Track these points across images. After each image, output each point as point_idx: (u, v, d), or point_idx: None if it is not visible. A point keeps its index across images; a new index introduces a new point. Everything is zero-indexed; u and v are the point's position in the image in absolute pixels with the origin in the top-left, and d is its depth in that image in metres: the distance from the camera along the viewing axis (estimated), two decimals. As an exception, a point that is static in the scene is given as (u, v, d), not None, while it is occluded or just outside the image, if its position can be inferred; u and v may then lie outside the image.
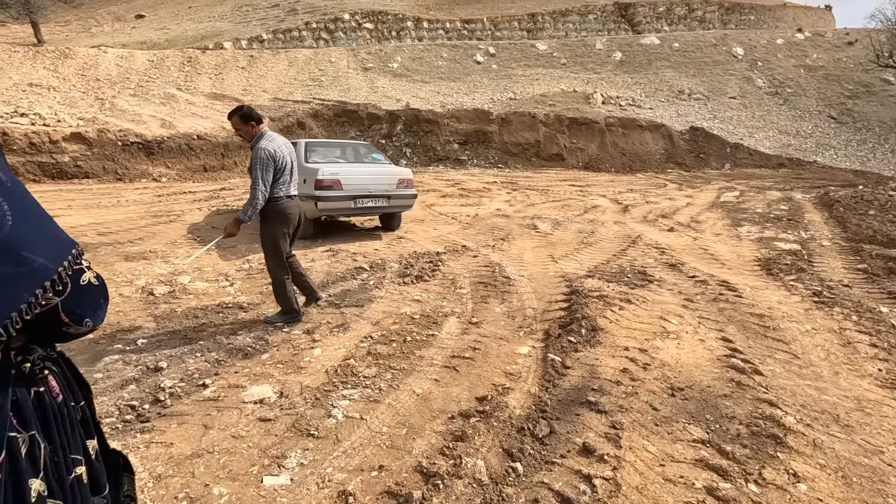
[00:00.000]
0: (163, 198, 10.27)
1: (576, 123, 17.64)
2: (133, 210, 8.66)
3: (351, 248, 6.06)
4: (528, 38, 25.82)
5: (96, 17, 36.32)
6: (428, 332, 3.51)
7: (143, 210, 8.60)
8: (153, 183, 12.64)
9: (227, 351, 3.29)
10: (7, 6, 26.91)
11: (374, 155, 7.28)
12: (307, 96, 18.08)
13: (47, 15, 28.62)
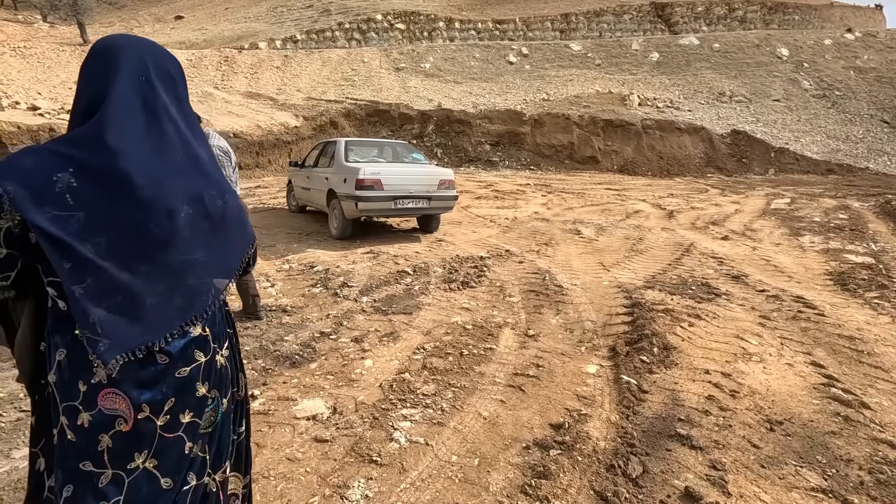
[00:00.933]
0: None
1: (611, 125, 17.14)
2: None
3: (391, 251, 5.86)
4: (560, 38, 25.34)
5: (137, 19, 37.44)
6: (485, 346, 3.26)
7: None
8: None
9: (274, 359, 3.11)
10: (56, 8, 27.91)
11: (414, 155, 7.08)
12: (340, 96, 18.08)
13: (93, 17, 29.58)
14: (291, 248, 6.02)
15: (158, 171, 1.00)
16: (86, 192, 0.93)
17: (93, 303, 0.94)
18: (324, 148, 7.32)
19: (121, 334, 0.96)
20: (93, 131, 0.95)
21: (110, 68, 0.99)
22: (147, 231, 0.98)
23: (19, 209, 0.90)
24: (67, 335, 0.98)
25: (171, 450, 1.05)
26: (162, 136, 1.02)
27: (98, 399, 0.98)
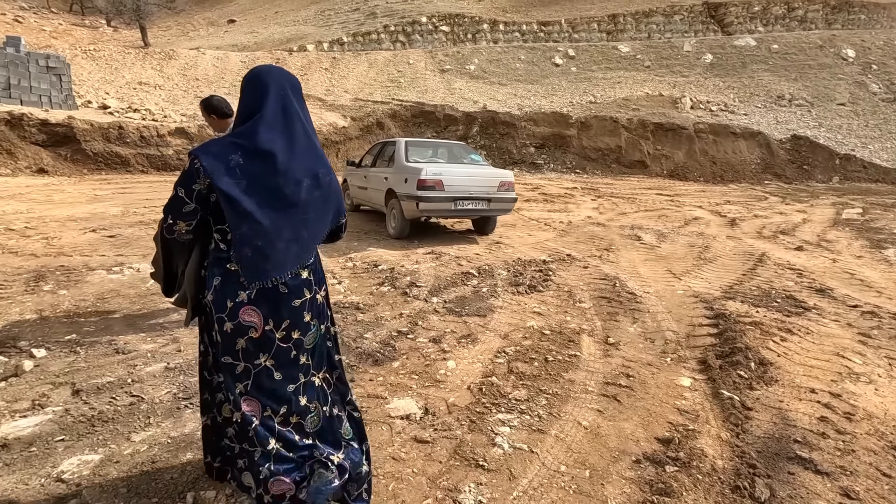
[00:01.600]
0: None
1: (661, 129, 16.62)
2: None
3: (451, 252, 5.84)
4: (607, 40, 24.80)
5: (193, 23, 39.12)
6: (568, 352, 3.18)
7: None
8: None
9: (357, 355, 3.13)
10: (121, 13, 29.48)
11: (472, 156, 7.05)
12: (386, 97, 18.30)
13: (153, 21, 31.08)
14: (352, 246, 6.09)
15: (291, 154, 1.46)
16: (248, 166, 1.41)
17: (245, 244, 1.40)
18: (382, 148, 7.39)
19: (258, 269, 1.43)
20: (253, 128, 1.43)
21: (262, 87, 1.46)
22: (282, 194, 1.44)
23: (210, 176, 1.39)
24: (222, 267, 1.47)
25: (283, 355, 1.52)
26: (293, 131, 1.47)
27: (239, 313, 1.45)
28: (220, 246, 1.49)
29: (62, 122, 11.51)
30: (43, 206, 7.85)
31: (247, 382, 1.48)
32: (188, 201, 1.44)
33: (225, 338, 1.46)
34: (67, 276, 4.48)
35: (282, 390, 1.52)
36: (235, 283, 1.44)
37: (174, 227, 1.47)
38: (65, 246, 5.54)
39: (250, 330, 1.45)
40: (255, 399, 1.49)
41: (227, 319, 1.45)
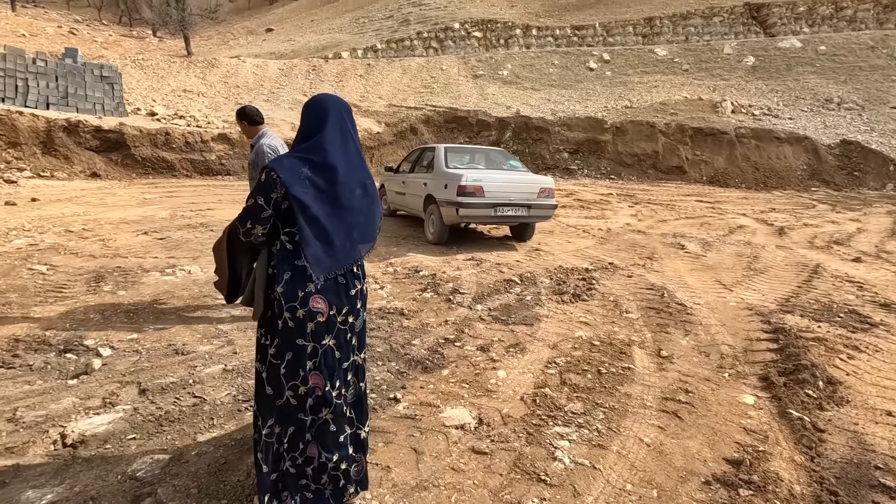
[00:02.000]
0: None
1: (700, 134, 16.16)
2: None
3: (491, 258, 5.81)
4: (643, 43, 24.34)
5: (233, 32, 40.51)
6: (621, 364, 3.09)
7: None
8: (282, 181, 13.53)
9: (406, 362, 3.13)
10: (166, 24, 30.81)
11: (511, 162, 7.01)
12: (419, 103, 18.46)
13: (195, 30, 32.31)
14: (392, 251, 6.14)
15: (347, 167, 1.74)
16: (314, 178, 1.68)
17: (313, 243, 1.66)
18: (421, 154, 7.44)
19: (324, 263, 1.69)
20: (317, 145, 1.70)
21: (322, 112, 1.74)
22: (340, 201, 1.71)
23: (286, 186, 1.63)
24: (290, 264, 1.70)
25: (342, 336, 1.79)
26: (348, 148, 1.75)
27: (310, 301, 1.70)
28: (288, 246, 1.73)
29: (114, 129, 12.08)
30: (97, 208, 8.24)
31: (315, 360, 1.74)
32: (266, 208, 1.67)
33: (297, 323, 1.70)
34: (125, 277, 4.68)
35: (339, 368, 1.80)
36: (303, 276, 1.69)
37: (252, 230, 1.71)
38: (120, 248, 5.79)
39: (318, 315, 1.71)
40: (320, 374, 1.75)
41: (298, 307, 1.69)
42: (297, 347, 1.70)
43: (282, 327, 1.70)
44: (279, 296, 1.69)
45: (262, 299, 1.75)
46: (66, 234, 6.29)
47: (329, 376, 1.76)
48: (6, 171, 10.54)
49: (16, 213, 7.43)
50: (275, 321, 1.72)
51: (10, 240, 5.88)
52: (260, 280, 1.76)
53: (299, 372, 1.72)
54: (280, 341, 1.71)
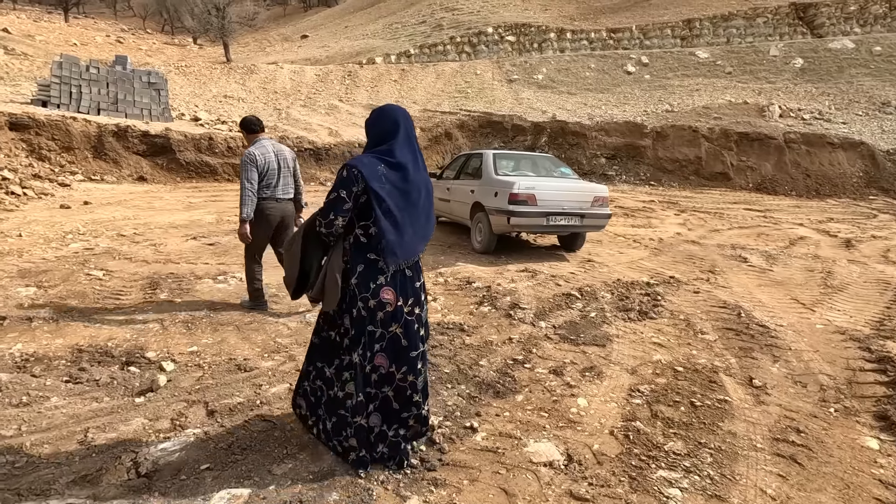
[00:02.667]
0: (333, 201, 10.85)
1: (746, 139, 15.46)
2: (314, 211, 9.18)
3: (544, 270, 5.55)
4: (682, 46, 23.60)
5: (268, 38, 41.43)
6: (714, 396, 2.81)
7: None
8: (320, 187, 13.57)
9: (476, 385, 2.92)
10: (207, 31, 31.70)
11: (562, 169, 6.74)
12: (454, 107, 18.31)
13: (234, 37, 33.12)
14: (439, 260, 5.95)
15: (414, 167, 1.92)
16: (389, 175, 1.86)
17: (386, 234, 1.82)
18: (466, 160, 7.25)
19: (395, 255, 1.85)
20: (390, 148, 1.89)
21: (392, 119, 1.92)
22: (410, 198, 1.89)
23: (366, 181, 1.81)
24: (364, 257, 1.88)
25: (409, 325, 1.96)
26: (414, 150, 1.95)
27: (380, 292, 1.87)
28: (361, 240, 1.90)
29: (160, 134, 12.35)
30: (146, 212, 8.37)
31: (382, 343, 1.94)
32: (347, 201, 1.85)
33: (369, 312, 1.88)
34: (178, 284, 4.63)
35: (406, 356, 1.98)
36: (375, 269, 1.87)
37: (334, 221, 1.87)
38: (171, 253, 5.79)
39: (387, 305, 1.89)
40: (385, 356, 1.94)
41: (370, 297, 1.88)
42: (367, 334, 1.92)
43: (355, 315, 1.91)
44: (353, 287, 1.88)
45: (339, 291, 1.90)
46: (119, 239, 6.36)
47: (395, 360, 1.97)
48: (60, 174, 10.88)
49: (70, 216, 7.60)
50: (349, 310, 1.92)
51: (66, 243, 5.96)
52: (333, 273, 1.91)
53: (367, 353, 1.93)
54: (354, 327, 1.93)
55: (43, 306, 3.84)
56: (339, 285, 1.88)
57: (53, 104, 12.10)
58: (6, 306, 3.78)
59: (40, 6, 46.95)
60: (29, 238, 6.08)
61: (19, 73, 16.63)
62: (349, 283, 1.88)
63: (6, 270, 4.69)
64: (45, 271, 4.75)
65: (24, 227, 6.54)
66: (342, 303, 1.92)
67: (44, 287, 4.31)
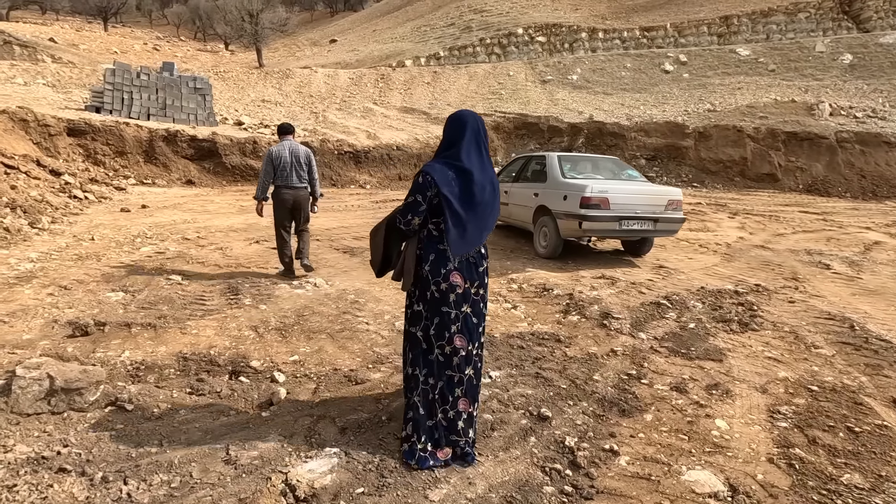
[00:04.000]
0: (379, 204, 10.81)
1: (795, 139, 14.87)
2: (365, 215, 9.13)
3: (619, 276, 5.34)
4: (719, 43, 22.93)
5: (297, 44, 41.95)
6: (870, 420, 2.58)
7: (372, 216, 9.01)
8: (360, 189, 13.58)
9: (597, 402, 2.76)
10: (241, 37, 32.25)
11: (629, 171, 6.51)
12: (488, 109, 18.14)
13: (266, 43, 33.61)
14: (506, 265, 5.80)
15: (480, 169, 2.12)
16: (458, 179, 2.09)
17: (453, 230, 2.07)
18: (526, 163, 7.08)
19: (461, 246, 2.10)
20: (457, 153, 2.10)
21: (462, 125, 2.13)
22: (474, 196, 2.10)
23: (438, 186, 2.04)
24: (435, 247, 2.13)
25: (476, 305, 2.18)
26: (481, 154, 2.15)
27: (450, 276, 2.11)
28: (434, 233, 2.14)
29: (207, 138, 12.53)
30: (202, 216, 8.44)
31: (458, 324, 2.13)
32: (422, 203, 2.08)
33: (441, 294, 2.11)
34: (257, 289, 4.59)
35: (476, 332, 2.19)
36: (445, 257, 2.11)
37: (411, 220, 2.12)
38: (239, 257, 5.78)
39: (457, 288, 2.12)
40: (464, 336, 2.14)
41: (441, 282, 2.11)
42: (442, 314, 2.12)
43: (430, 297, 2.13)
44: (426, 272, 2.12)
45: (413, 275, 2.16)
46: (185, 242, 6.39)
47: (470, 338, 2.16)
48: (114, 178, 11.11)
49: (132, 219, 7.70)
50: (424, 293, 2.15)
51: (137, 247, 6.01)
52: (410, 260, 2.17)
53: (445, 334, 2.12)
54: (429, 308, 2.14)
55: (136, 311, 3.83)
56: (412, 270, 2.17)
57: (106, 110, 12.39)
58: (103, 312, 3.78)
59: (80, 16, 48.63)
60: (101, 241, 6.16)
61: (70, 81, 17.15)
62: (423, 268, 2.14)
63: (91, 275, 4.72)
64: (127, 276, 4.77)
65: (94, 231, 6.64)
66: (417, 286, 2.18)
67: (130, 292, 4.31)
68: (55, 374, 2.11)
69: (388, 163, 14.71)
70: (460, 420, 2.13)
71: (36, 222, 6.50)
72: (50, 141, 10.88)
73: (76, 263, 5.15)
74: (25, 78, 16.59)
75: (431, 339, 2.14)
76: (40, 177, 8.69)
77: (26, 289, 4.26)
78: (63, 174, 9.39)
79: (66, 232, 6.56)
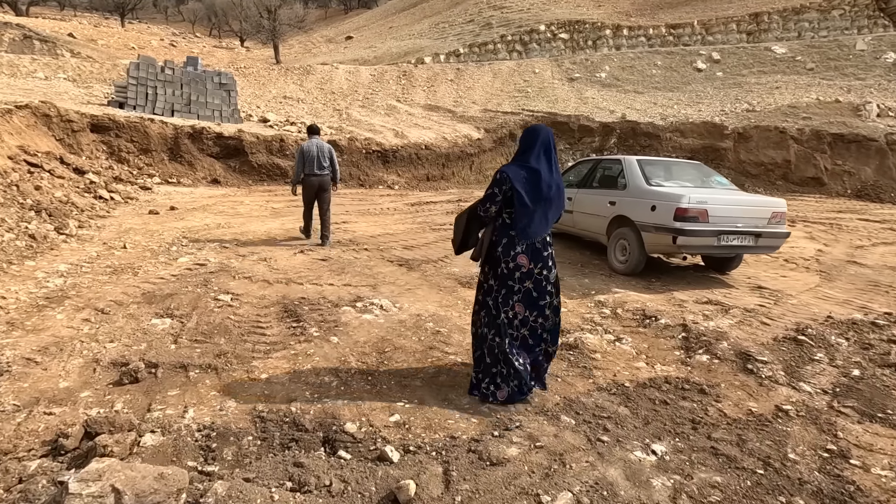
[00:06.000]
0: (415, 207, 10.10)
1: (841, 141, 13.99)
2: (405, 220, 8.42)
3: (720, 299, 4.61)
4: (748, 41, 21.96)
5: (312, 41, 41.22)
6: None
7: (412, 221, 8.31)
8: (389, 190, 12.88)
9: (813, 496, 2.05)
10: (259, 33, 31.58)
11: (716, 178, 5.76)
12: (516, 108, 17.36)
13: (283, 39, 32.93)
14: (584, 283, 5.09)
15: (548, 171, 2.62)
16: (528, 178, 2.58)
17: (521, 219, 2.57)
18: (594, 167, 6.35)
19: (527, 233, 2.58)
20: (527, 157, 2.63)
21: (535, 135, 2.67)
22: (542, 194, 2.58)
23: (511, 182, 2.55)
24: (507, 234, 2.62)
25: (539, 283, 2.66)
26: (550, 160, 2.64)
27: (517, 258, 2.60)
28: (506, 221, 2.63)
29: (233, 136, 11.86)
30: (235, 219, 7.77)
31: (518, 296, 2.64)
32: (499, 195, 2.58)
33: (509, 271, 2.61)
34: (319, 313, 3.91)
35: (537, 304, 2.67)
36: (514, 242, 2.60)
37: (489, 209, 2.62)
38: (287, 270, 5.11)
39: (522, 267, 2.61)
40: (523, 304, 2.66)
41: (510, 261, 2.60)
42: (508, 286, 2.62)
43: (500, 273, 2.63)
44: (499, 253, 2.62)
45: (486, 254, 2.67)
46: (224, 251, 5.73)
47: (528, 307, 2.65)
48: (139, 176, 10.48)
49: (162, 223, 7.05)
50: (495, 269, 2.65)
51: (174, 257, 5.36)
52: (485, 243, 2.67)
53: (509, 301, 2.63)
54: (498, 282, 2.63)
55: (190, 346, 3.16)
56: (485, 249, 2.65)
57: (130, 105, 11.75)
58: (151, 347, 3.11)
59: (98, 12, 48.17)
60: (134, 250, 5.51)
61: (90, 76, 16.54)
62: (496, 250, 2.62)
63: (130, 294, 4.06)
64: (170, 295, 4.11)
65: (125, 237, 5.99)
66: (490, 264, 2.68)
67: (177, 317, 3.65)
68: (122, 488, 1.44)
69: (417, 163, 13.99)
70: (518, 367, 2.62)
71: (63, 227, 5.85)
72: (73, 137, 10.25)
73: (111, 278, 4.50)
74: (46, 72, 16.00)
75: (499, 306, 2.62)
76: (64, 175, 8.07)
77: (58, 313, 3.61)
78: (87, 172, 8.76)
79: (94, 238, 5.92)
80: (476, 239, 2.79)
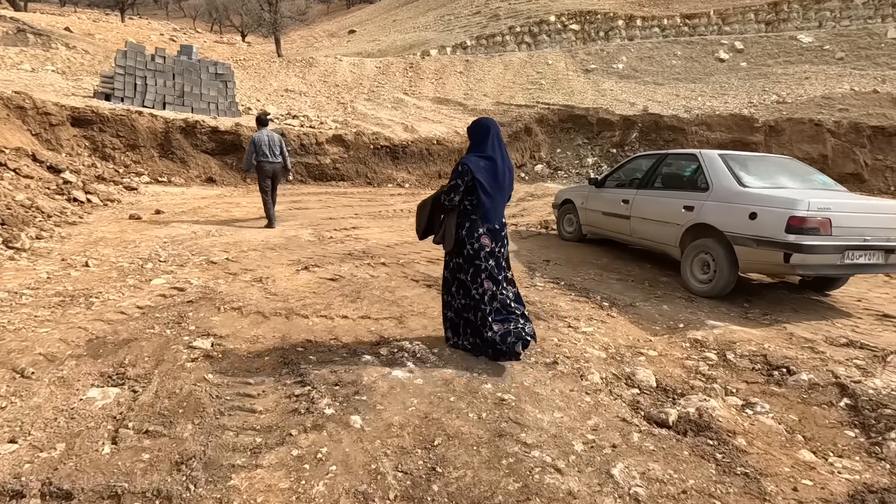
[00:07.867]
0: (431, 208, 8.93)
1: (882, 134, 12.76)
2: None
3: (850, 335, 3.44)
4: (766, 31, 20.64)
5: (314, 35, 39.75)
6: None
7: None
8: (399, 189, 11.69)
9: None
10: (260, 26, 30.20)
11: (818, 177, 4.57)
12: (530, 100, 16.11)
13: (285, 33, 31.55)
14: (662, 311, 3.92)
15: (502, 161, 2.88)
16: (485, 168, 2.83)
17: (483, 205, 2.84)
18: (657, 164, 5.16)
19: (489, 217, 2.88)
20: (483, 149, 2.87)
21: (485, 128, 2.90)
22: (498, 181, 2.87)
23: (472, 173, 2.79)
24: (469, 218, 2.88)
25: (498, 259, 2.94)
26: (502, 150, 2.90)
27: (481, 238, 2.87)
28: (468, 208, 2.86)
29: (230, 130, 10.65)
30: (228, 226, 6.60)
31: (486, 274, 2.88)
32: (461, 185, 2.78)
33: (475, 252, 2.86)
34: (333, 371, 2.74)
35: (499, 277, 2.94)
36: (476, 225, 2.85)
37: (453, 198, 2.82)
38: (288, 296, 3.94)
39: (485, 247, 2.87)
40: (490, 281, 2.89)
41: (475, 242, 2.86)
42: (475, 266, 2.88)
43: (466, 254, 2.88)
44: (463, 236, 2.87)
45: (453, 239, 2.89)
46: (211, 269, 4.56)
47: (495, 283, 2.91)
48: (125, 175, 9.29)
49: (143, 231, 5.88)
50: (461, 251, 2.90)
51: (147, 278, 4.19)
52: (451, 227, 2.89)
53: (477, 279, 2.88)
54: (465, 262, 2.90)
55: (135, 448, 1.99)
56: (454, 234, 2.89)
57: (117, 97, 10.53)
58: (70, 454, 1.94)
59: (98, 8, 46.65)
60: (98, 269, 4.34)
61: (80, 68, 15.29)
62: (461, 233, 2.88)
63: (71, 341, 2.90)
64: (127, 342, 2.94)
65: (92, 251, 4.83)
66: (456, 246, 2.91)
67: (129, 384, 2.49)
68: None
69: (428, 159, 12.77)
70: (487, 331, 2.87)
71: (12, 240, 4.66)
72: (51, 132, 9.04)
73: (54, 313, 3.33)
74: (33, 64, 14.75)
75: (468, 283, 2.92)
76: (33, 175, 6.87)
77: (-44, 379, 2.44)
78: (63, 171, 7.56)
79: (53, 252, 4.74)
80: (439, 225, 3.00)
